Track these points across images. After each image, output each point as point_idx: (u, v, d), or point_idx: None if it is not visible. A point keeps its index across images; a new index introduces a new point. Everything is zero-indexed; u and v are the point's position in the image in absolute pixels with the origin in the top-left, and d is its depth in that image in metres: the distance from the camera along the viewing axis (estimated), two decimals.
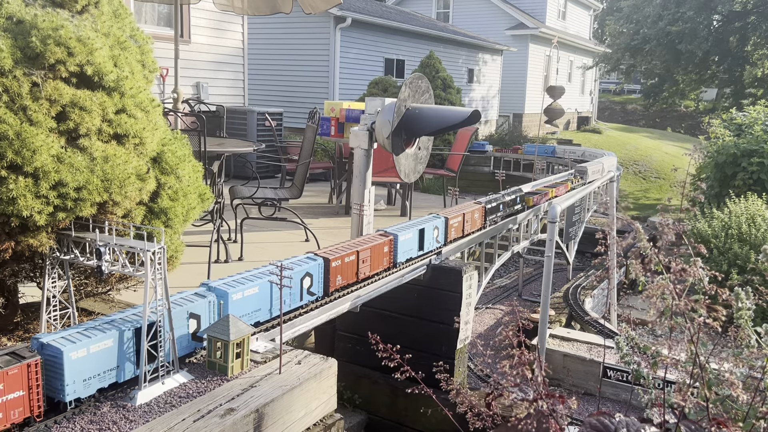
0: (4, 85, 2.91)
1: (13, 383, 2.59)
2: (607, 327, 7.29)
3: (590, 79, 33.76)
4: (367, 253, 4.64)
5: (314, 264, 4.13)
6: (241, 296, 3.57)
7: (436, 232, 5.63)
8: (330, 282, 4.28)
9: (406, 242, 5.13)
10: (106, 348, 2.91)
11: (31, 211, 2.91)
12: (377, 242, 4.79)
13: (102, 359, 2.91)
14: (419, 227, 5.37)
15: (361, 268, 4.60)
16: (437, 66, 14.68)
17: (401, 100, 5.72)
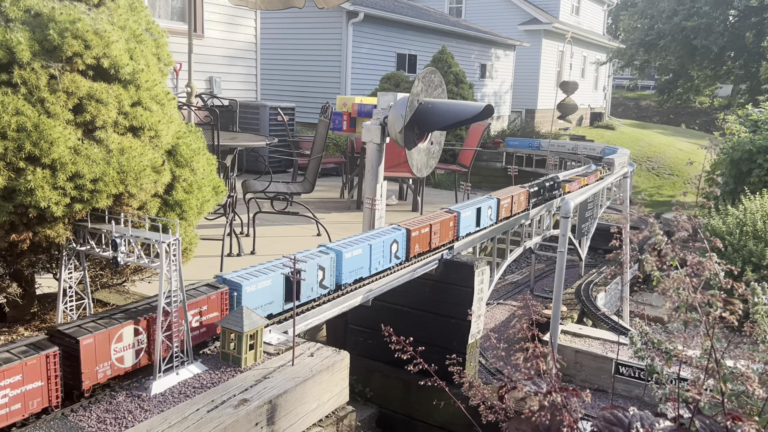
0: (22, 78, 2.94)
1: (31, 374, 2.63)
2: (619, 323, 7.26)
3: (603, 74, 33.53)
4: (438, 227, 5.44)
5: (400, 233, 4.95)
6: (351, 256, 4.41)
7: (490, 210, 6.40)
8: (410, 249, 5.08)
9: (466, 218, 5.94)
10: (267, 286, 3.71)
11: (49, 202, 2.94)
12: (445, 218, 5.61)
13: (264, 294, 3.71)
14: (477, 206, 6.15)
15: (433, 239, 5.39)
16: (450, 61, 14.64)
17: (414, 94, 5.71)
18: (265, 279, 3.70)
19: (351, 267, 4.39)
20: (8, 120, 2.85)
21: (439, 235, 5.45)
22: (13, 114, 2.87)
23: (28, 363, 2.61)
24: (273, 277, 3.75)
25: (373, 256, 4.60)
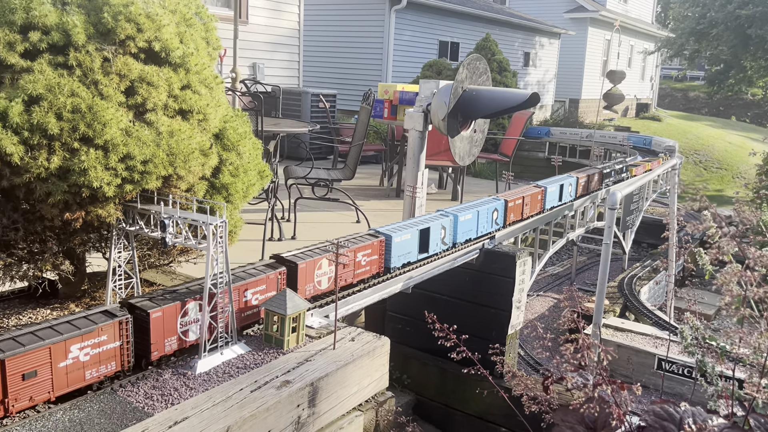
0: (77, 60, 3.01)
1: (109, 336, 2.82)
2: (663, 319, 7.10)
3: (651, 64, 32.61)
4: (529, 199, 6.33)
5: (499, 203, 5.89)
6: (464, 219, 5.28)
7: (570, 188, 7.11)
8: (507, 217, 5.99)
9: (551, 193, 6.67)
10: (407, 239, 4.57)
11: (101, 182, 3.01)
12: (534, 191, 6.45)
13: (406, 245, 4.57)
14: (560, 183, 6.87)
15: (525, 209, 6.21)
16: (493, 49, 14.44)
17: (458, 81, 5.65)
18: (406, 233, 4.62)
19: (464, 229, 5.30)
20: (64, 101, 2.92)
21: (530, 207, 6.30)
22: (69, 95, 2.94)
23: (103, 328, 2.77)
24: (411, 232, 4.68)
25: (480, 221, 5.51)
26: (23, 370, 2.55)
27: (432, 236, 4.85)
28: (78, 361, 2.74)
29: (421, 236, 4.75)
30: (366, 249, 4.27)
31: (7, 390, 2.50)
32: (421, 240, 4.76)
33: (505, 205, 5.90)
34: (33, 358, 2.57)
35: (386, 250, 4.44)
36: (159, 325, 3.02)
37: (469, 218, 5.33)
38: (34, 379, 2.60)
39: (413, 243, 4.70)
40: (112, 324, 2.85)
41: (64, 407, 2.71)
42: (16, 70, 2.91)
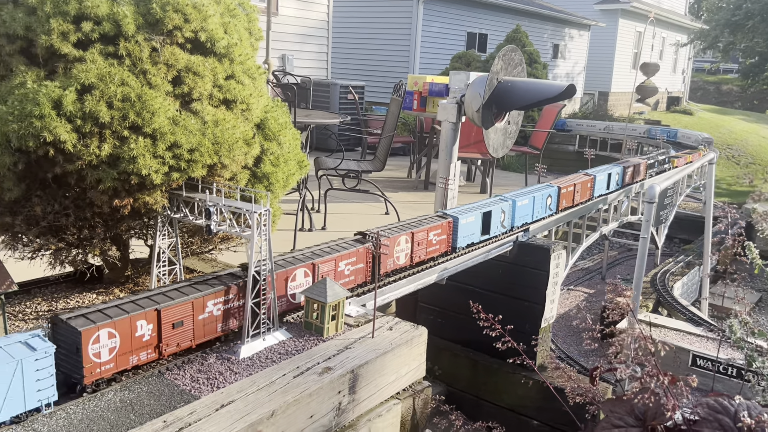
0: (127, 50, 3.07)
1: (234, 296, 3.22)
2: (697, 315, 7.01)
3: (683, 57, 32.00)
4: (579, 187, 6.62)
5: (553, 189, 6.20)
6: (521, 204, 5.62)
7: (617, 176, 7.40)
8: (560, 203, 6.27)
9: (600, 182, 6.99)
10: (472, 221, 4.91)
11: (149, 170, 3.07)
12: (584, 179, 6.75)
13: (471, 227, 4.90)
14: (608, 171, 7.19)
15: (575, 196, 6.54)
16: (524, 40, 14.32)
17: (493, 72, 5.63)
18: (471, 215, 4.94)
19: (521, 213, 5.60)
20: (114, 90, 2.99)
21: (580, 194, 6.61)
22: (119, 84, 3.01)
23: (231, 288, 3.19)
24: (475, 214, 4.99)
25: (535, 206, 5.81)
26: (173, 320, 2.94)
27: (493, 219, 5.18)
28: (212, 315, 3.13)
29: (483, 219, 5.09)
30: (437, 229, 4.61)
31: (162, 336, 2.91)
32: (484, 222, 5.09)
33: (558, 192, 6.21)
34: (180, 311, 2.97)
35: (454, 230, 4.78)
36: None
37: (526, 203, 5.65)
38: (181, 328, 2.99)
39: (477, 225, 5.03)
40: (238, 285, 3.20)
41: (115, 389, 2.79)
42: (69, 59, 2.98)
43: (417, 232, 4.40)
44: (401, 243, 4.30)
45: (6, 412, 2.38)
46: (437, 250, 4.66)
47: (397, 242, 4.26)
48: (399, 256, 4.33)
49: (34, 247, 3.48)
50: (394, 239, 4.24)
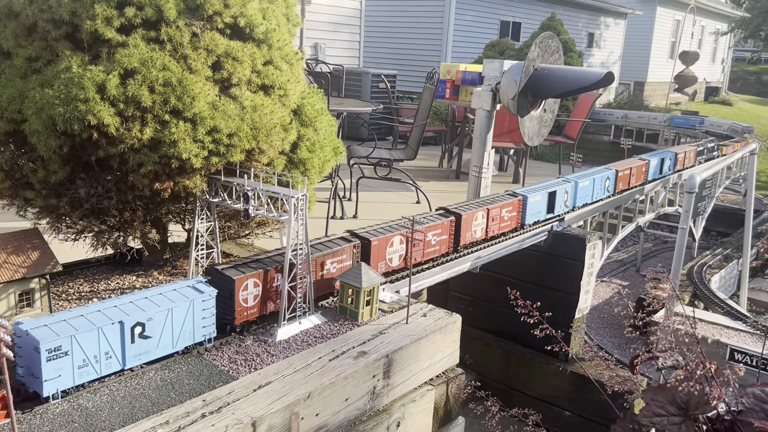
0: (168, 35, 3.11)
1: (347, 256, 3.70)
2: (735, 308, 6.87)
3: (723, 46, 31.16)
4: (635, 171, 6.99)
5: (611, 172, 6.54)
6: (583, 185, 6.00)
7: (669, 162, 7.74)
8: (617, 185, 6.61)
9: (654, 166, 7.35)
10: (539, 200, 5.29)
11: (189, 154, 3.11)
12: (639, 164, 7.10)
13: (538, 205, 5.29)
14: (661, 157, 7.55)
15: (631, 180, 6.89)
16: (559, 28, 14.10)
17: (530, 59, 5.56)
18: (538, 194, 5.30)
19: (582, 194, 5.94)
20: (156, 75, 3.03)
21: (635, 177, 6.93)
22: (161, 69, 3.05)
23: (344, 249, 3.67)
24: (542, 194, 5.33)
25: (595, 187, 6.17)
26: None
27: (558, 199, 5.55)
28: (329, 272, 3.63)
29: (549, 198, 5.45)
30: (509, 206, 5.03)
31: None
32: (549, 201, 5.44)
33: (616, 175, 6.57)
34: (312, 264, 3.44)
35: (523, 208, 5.14)
36: (376, 251, 3.91)
37: (587, 185, 6.03)
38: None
39: (543, 204, 5.37)
40: (350, 247, 3.73)
41: (156, 367, 2.85)
42: (112, 44, 3.03)
43: (492, 209, 4.82)
44: (478, 218, 4.70)
45: (180, 344, 2.90)
46: (508, 225, 5.05)
47: (474, 217, 4.66)
48: (476, 230, 4.73)
49: (77, 229, 3.56)
50: (472, 214, 4.63)
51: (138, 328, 2.70)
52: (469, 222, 4.59)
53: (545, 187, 5.47)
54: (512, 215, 5.05)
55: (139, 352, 2.74)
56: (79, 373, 2.55)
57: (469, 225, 4.59)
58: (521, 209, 5.11)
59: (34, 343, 2.41)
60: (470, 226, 4.61)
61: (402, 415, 3.31)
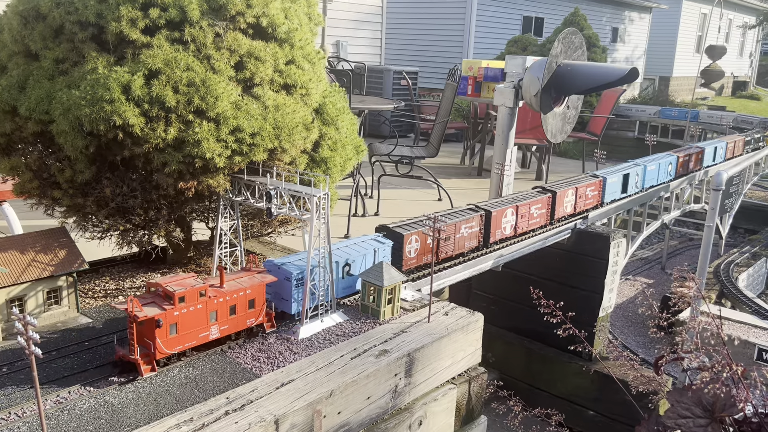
0: (191, 35, 3.14)
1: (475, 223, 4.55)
2: (764, 307, 6.74)
3: (751, 39, 30.51)
4: (693, 158, 7.59)
5: (673, 158, 7.16)
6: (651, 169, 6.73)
7: (722, 150, 8.25)
8: (678, 170, 7.27)
9: (708, 154, 7.85)
10: (615, 181, 6.03)
11: (213, 153, 3.14)
12: (696, 151, 7.69)
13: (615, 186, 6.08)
14: (714, 146, 8.06)
15: (689, 165, 7.42)
16: (582, 24, 13.93)
17: (553, 56, 5.50)
18: (615, 176, 5.96)
19: (650, 177, 6.59)
20: (180, 75, 3.06)
21: (692, 163, 7.55)
22: (184, 69, 3.08)
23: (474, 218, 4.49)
24: (618, 176, 6.02)
25: (660, 171, 6.83)
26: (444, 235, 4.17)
27: (630, 180, 6.21)
28: (463, 236, 4.41)
29: (623, 180, 6.16)
30: (591, 186, 5.79)
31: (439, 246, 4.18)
32: (623, 183, 6.13)
33: (677, 160, 7.24)
34: (449, 230, 4.26)
35: (603, 188, 5.87)
36: (496, 220, 4.67)
37: (654, 169, 6.71)
38: (449, 242, 4.28)
39: (618, 185, 6.10)
40: (478, 216, 4.54)
41: (180, 365, 2.88)
42: (137, 45, 3.07)
43: (579, 187, 5.62)
44: (569, 195, 5.50)
45: None
46: (591, 203, 5.81)
47: (566, 194, 5.47)
48: (566, 206, 5.45)
49: (103, 228, 3.61)
50: (564, 192, 5.44)
51: (346, 267, 3.53)
52: (562, 198, 5.44)
53: (620, 169, 6.22)
54: (594, 194, 5.86)
55: (346, 286, 3.58)
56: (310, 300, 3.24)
57: (561, 201, 5.44)
58: (602, 189, 5.88)
59: (286, 274, 3.22)
60: (562, 201, 5.44)
61: (424, 414, 3.31)
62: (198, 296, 2.82)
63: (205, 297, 2.85)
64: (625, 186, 6.20)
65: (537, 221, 5.11)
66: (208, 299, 2.87)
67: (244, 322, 3.06)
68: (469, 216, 4.46)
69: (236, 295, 2.97)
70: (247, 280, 3.07)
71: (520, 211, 4.92)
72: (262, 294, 3.09)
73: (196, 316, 2.83)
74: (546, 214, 5.22)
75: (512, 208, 4.84)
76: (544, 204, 5.20)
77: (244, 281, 3.06)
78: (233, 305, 2.97)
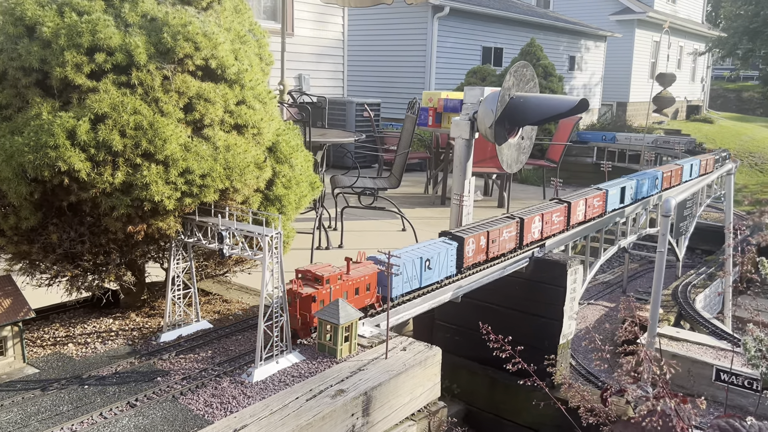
0: (139, 79, 3.13)
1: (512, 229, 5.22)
2: (721, 328, 6.88)
3: (702, 65, 31.71)
4: (675, 173, 8.57)
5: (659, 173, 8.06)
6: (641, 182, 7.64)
7: (696, 167, 9.20)
8: (663, 184, 8.18)
9: (686, 170, 8.90)
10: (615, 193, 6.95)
11: (162, 196, 3.12)
12: (676, 168, 8.62)
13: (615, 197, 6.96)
14: (690, 163, 9.02)
15: (672, 180, 8.42)
16: (538, 54, 14.30)
17: (505, 88, 5.63)
18: (615, 189, 6.82)
19: (642, 189, 7.43)
20: (127, 119, 3.05)
21: (675, 179, 8.45)
22: (132, 113, 3.07)
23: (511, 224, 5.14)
24: (616, 188, 6.86)
25: (649, 184, 7.67)
26: (491, 238, 4.90)
27: (626, 192, 7.03)
28: (504, 239, 5.06)
29: (621, 192, 6.96)
30: (597, 197, 6.56)
31: (488, 246, 4.89)
32: (621, 194, 6.94)
33: (662, 175, 8.16)
34: (494, 233, 4.94)
35: (606, 199, 6.64)
36: (528, 226, 5.31)
37: (645, 182, 7.59)
38: (495, 243, 4.95)
39: (617, 196, 6.92)
40: (514, 222, 5.18)
41: (129, 414, 2.82)
42: (83, 90, 3.05)
43: (589, 199, 6.35)
44: (581, 204, 6.24)
45: (441, 275, 4.44)
46: (597, 212, 6.57)
47: (578, 205, 6.17)
48: (578, 215, 6.15)
49: (51, 274, 3.54)
50: (576, 203, 6.14)
51: (427, 262, 4.25)
52: (575, 209, 6.14)
53: (618, 183, 7.08)
54: (599, 203, 6.61)
55: (427, 277, 4.29)
56: (404, 286, 4.08)
57: (575, 210, 6.14)
58: (605, 200, 6.70)
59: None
60: (576, 210, 6.16)
61: None
62: (337, 279, 3.63)
63: (341, 281, 3.65)
64: (623, 197, 7.02)
65: (557, 227, 5.80)
66: (343, 282, 3.66)
67: (363, 301, 3.85)
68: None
69: (359, 280, 3.79)
70: (363, 269, 3.86)
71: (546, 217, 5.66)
72: (374, 280, 3.91)
73: (336, 294, 3.62)
74: (563, 222, 5.92)
75: (538, 216, 5.48)
76: (562, 212, 5.89)
77: (363, 270, 3.84)
78: (357, 288, 3.79)
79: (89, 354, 3.43)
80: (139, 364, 3.32)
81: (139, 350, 3.50)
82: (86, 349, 3.48)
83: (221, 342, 3.65)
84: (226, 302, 4.32)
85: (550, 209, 5.69)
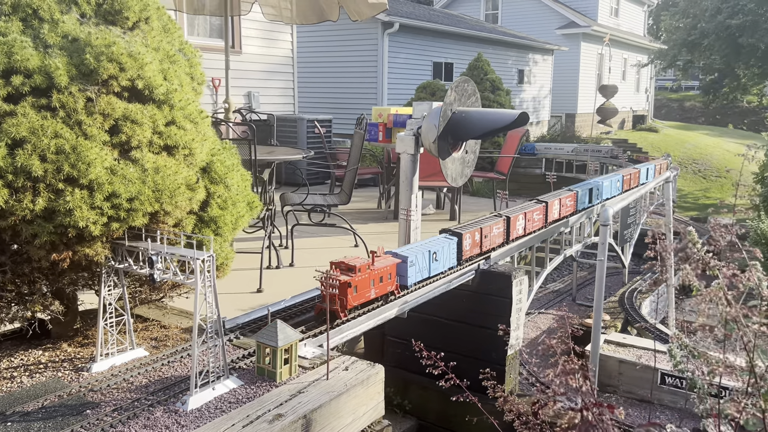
0: (60, 101, 3.04)
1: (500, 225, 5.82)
2: (664, 332, 7.05)
3: (645, 76, 32.80)
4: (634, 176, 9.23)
5: (619, 176, 8.78)
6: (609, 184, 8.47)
7: (652, 170, 9.81)
8: (624, 185, 8.86)
9: (643, 173, 9.51)
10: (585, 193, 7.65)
11: (87, 221, 3.02)
12: (634, 171, 9.30)
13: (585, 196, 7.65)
14: (647, 167, 9.78)
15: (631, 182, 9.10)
16: (485, 68, 14.55)
17: (447, 104, 5.68)
18: (585, 190, 7.41)
19: (605, 190, 8.12)
20: (47, 143, 2.95)
21: (633, 181, 9.11)
22: (53, 137, 2.97)
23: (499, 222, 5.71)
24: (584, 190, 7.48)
25: (612, 186, 8.36)
26: (485, 233, 5.42)
27: (593, 193, 7.72)
28: (494, 234, 5.59)
29: (590, 192, 7.66)
30: (569, 197, 7.17)
31: (482, 241, 5.38)
32: (590, 194, 7.65)
33: (623, 178, 8.75)
34: (487, 229, 5.45)
35: (577, 199, 7.34)
36: (514, 223, 5.82)
37: (607, 184, 8.23)
38: (487, 239, 5.43)
39: (587, 196, 7.56)
40: (501, 219, 5.70)
41: None
42: None
43: (562, 198, 6.97)
44: (556, 204, 6.79)
45: (445, 266, 4.91)
46: (569, 210, 7.12)
47: (553, 204, 6.72)
48: (554, 211, 6.76)
49: None
50: (552, 203, 6.70)
51: (434, 254, 4.73)
52: (551, 208, 6.66)
53: (588, 184, 7.73)
54: (572, 203, 7.17)
55: (434, 268, 4.76)
56: (417, 276, 4.57)
57: (552, 208, 6.67)
58: (576, 200, 7.27)
59: (402, 258, 4.45)
60: (553, 209, 6.69)
61: None
62: (366, 269, 4.07)
63: (370, 270, 4.10)
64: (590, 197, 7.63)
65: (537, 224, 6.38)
66: (371, 271, 4.11)
67: (385, 288, 4.31)
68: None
69: (382, 269, 4.23)
70: (385, 261, 4.32)
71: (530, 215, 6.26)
72: (394, 271, 4.36)
73: (366, 281, 4.08)
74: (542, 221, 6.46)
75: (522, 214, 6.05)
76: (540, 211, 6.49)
77: (384, 262, 4.30)
78: (381, 277, 4.23)
79: (14, 389, 3.28)
80: (68, 397, 3.19)
81: (68, 383, 3.36)
82: (11, 384, 3.33)
83: (157, 370, 3.53)
84: (164, 327, 4.20)
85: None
